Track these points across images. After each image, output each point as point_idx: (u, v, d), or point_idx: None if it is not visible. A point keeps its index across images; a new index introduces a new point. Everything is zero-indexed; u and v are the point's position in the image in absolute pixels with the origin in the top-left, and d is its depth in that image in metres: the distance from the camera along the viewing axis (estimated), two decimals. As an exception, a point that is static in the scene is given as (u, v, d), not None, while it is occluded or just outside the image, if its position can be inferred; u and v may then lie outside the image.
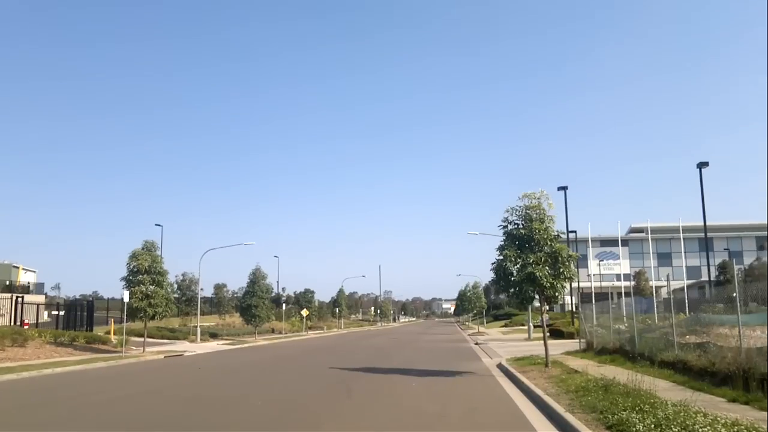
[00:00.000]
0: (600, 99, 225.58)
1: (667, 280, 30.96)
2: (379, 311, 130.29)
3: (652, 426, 7.43)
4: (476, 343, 38.32)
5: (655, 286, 48.34)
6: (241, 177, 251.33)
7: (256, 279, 47.63)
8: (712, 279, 46.16)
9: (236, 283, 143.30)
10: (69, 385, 17.01)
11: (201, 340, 42.44)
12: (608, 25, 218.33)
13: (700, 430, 6.47)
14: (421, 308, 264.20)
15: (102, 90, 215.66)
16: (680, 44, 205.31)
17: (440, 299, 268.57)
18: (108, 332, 37.27)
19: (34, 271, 76.51)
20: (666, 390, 11.54)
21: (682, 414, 7.91)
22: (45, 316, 45.40)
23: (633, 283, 57.10)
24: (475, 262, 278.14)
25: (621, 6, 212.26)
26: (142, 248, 30.57)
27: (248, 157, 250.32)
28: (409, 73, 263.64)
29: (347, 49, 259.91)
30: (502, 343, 37.09)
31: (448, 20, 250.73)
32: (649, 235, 57.72)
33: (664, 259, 75.55)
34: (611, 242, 64.90)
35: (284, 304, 68.48)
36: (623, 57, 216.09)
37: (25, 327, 31.65)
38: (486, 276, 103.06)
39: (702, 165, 36.41)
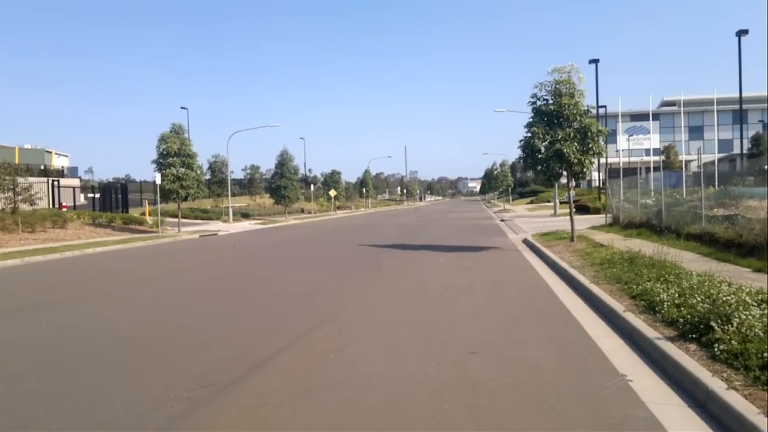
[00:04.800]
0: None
1: (698, 153, 30.31)
2: (405, 191, 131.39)
3: (677, 295, 7.57)
4: (502, 220, 38.76)
5: (685, 161, 47.54)
6: (266, 61, 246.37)
7: (284, 161, 48.00)
8: (744, 152, 45.11)
9: (264, 165, 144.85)
10: (114, 262, 17.79)
11: (233, 220, 43.60)
12: None
13: (724, 298, 6.57)
14: (447, 187, 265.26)
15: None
16: None
17: (466, 178, 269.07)
18: (143, 213, 38.37)
19: (67, 156, 78.08)
20: (691, 261, 11.70)
21: (706, 284, 8.01)
22: (81, 198, 46.68)
23: (662, 157, 56.15)
24: (502, 141, 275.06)
25: None
26: (170, 131, 30.88)
27: (275, 41, 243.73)
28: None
29: None
30: (527, 220, 37.49)
31: None
32: (682, 108, 55.91)
33: (696, 132, 73.77)
34: (642, 116, 63.01)
35: (312, 185, 69.22)
36: None
37: (63, 209, 32.69)
38: (512, 154, 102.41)
39: (741, 33, 34.56)
